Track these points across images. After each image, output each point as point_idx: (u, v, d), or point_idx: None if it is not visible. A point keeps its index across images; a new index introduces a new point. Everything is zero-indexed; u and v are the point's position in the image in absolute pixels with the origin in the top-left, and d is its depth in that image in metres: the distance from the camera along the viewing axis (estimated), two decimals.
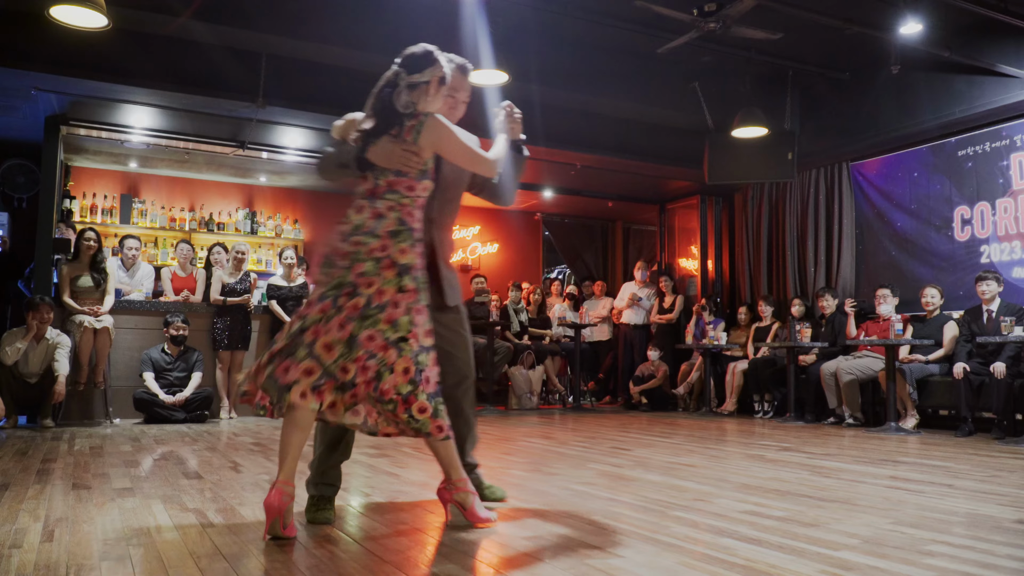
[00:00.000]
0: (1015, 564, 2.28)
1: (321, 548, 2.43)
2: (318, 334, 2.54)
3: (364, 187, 2.70)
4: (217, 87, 6.86)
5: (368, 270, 2.58)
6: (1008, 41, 6.69)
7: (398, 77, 2.69)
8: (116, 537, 2.56)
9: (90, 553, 2.35)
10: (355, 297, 2.57)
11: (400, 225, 2.64)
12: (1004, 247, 7.25)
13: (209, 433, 5.97)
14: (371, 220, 2.63)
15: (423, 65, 2.70)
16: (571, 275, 12.39)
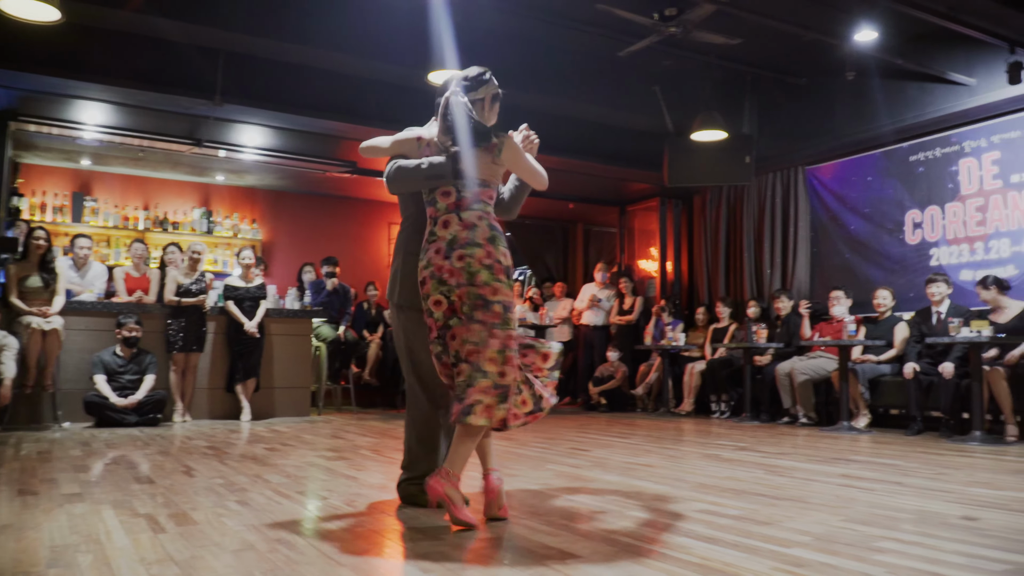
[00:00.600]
0: (961, 560, 2.33)
1: (276, 552, 2.40)
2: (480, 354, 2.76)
3: (446, 201, 2.89)
4: (173, 84, 6.75)
5: (487, 279, 2.78)
6: (958, 50, 6.87)
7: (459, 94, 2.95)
8: (64, 544, 2.50)
9: (37, 560, 2.30)
10: (490, 306, 2.78)
11: (493, 231, 2.87)
12: (953, 250, 7.43)
13: (162, 437, 5.86)
14: (464, 231, 2.82)
15: (479, 84, 2.99)
16: (532, 276, 12.41)
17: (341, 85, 7.40)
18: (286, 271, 9.91)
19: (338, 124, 7.62)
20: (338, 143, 8.51)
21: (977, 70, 6.86)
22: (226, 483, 3.67)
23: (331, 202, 10.65)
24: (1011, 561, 2.31)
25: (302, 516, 2.99)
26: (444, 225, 2.86)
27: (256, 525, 2.76)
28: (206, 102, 6.86)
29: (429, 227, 2.91)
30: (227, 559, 2.31)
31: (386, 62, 6.95)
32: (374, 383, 9.16)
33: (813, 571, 2.19)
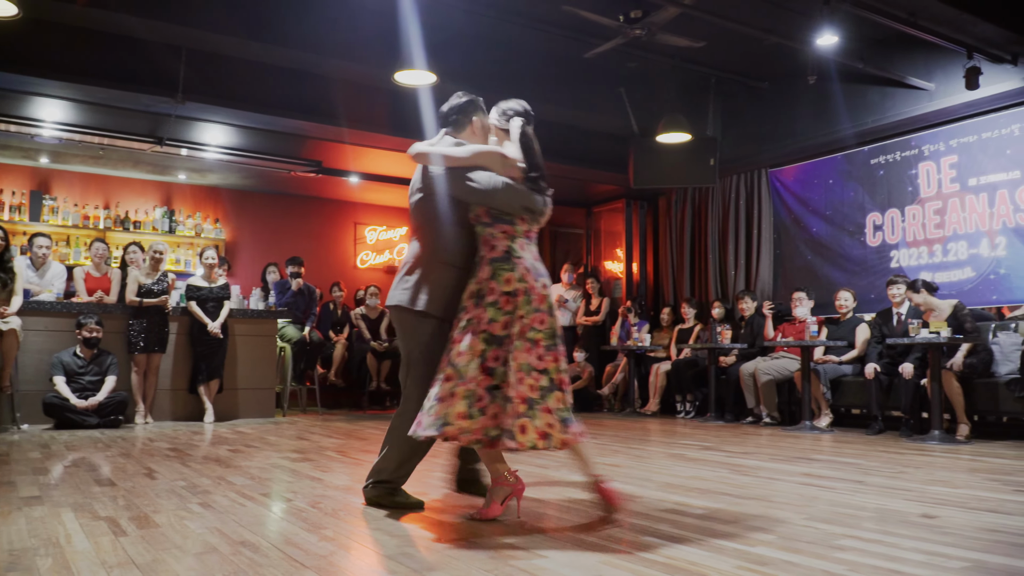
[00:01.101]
0: (920, 556, 2.38)
1: (239, 555, 2.38)
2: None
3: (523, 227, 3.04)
4: (134, 81, 6.64)
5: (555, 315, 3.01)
6: (917, 54, 7.00)
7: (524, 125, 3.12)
8: (22, 547, 2.46)
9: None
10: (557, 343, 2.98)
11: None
12: (912, 252, 7.58)
13: (123, 439, 5.77)
14: (539, 264, 3.02)
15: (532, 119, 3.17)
16: None
17: (307, 84, 7.34)
18: (250, 271, 9.80)
19: (303, 123, 7.55)
20: (303, 142, 8.44)
21: (936, 75, 7.00)
22: (189, 485, 3.63)
23: (296, 202, 10.56)
24: (969, 559, 2.36)
25: (266, 518, 2.96)
26: (522, 248, 2.98)
27: (219, 528, 2.73)
28: (168, 100, 6.76)
29: (503, 242, 2.96)
30: (189, 562, 2.28)
31: (352, 61, 6.90)
32: (340, 384, 9.10)
33: (776, 569, 2.22)
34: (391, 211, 11.20)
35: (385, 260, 11.13)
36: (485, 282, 2.91)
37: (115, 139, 7.96)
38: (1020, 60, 6.48)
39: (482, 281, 2.92)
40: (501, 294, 2.88)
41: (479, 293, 2.92)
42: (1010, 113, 6.87)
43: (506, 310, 2.87)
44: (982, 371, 6.13)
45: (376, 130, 7.81)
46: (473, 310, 2.90)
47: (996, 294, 6.94)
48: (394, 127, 7.80)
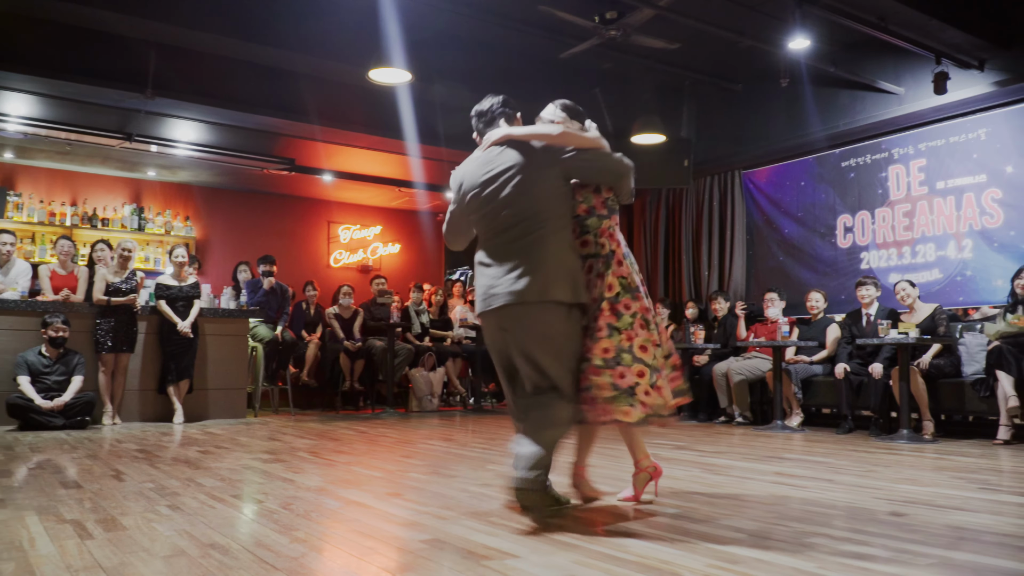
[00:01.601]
0: (888, 553, 2.40)
1: (208, 558, 2.34)
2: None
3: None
4: (103, 76, 6.56)
5: None
6: (888, 59, 7.09)
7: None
8: None
9: None
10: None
11: None
12: (882, 254, 7.67)
13: (90, 440, 5.67)
14: None
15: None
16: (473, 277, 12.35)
17: (280, 80, 7.28)
18: (221, 270, 9.69)
19: (276, 120, 7.49)
20: (276, 139, 8.36)
21: (905, 79, 7.09)
22: (157, 487, 3.58)
23: (268, 200, 10.46)
24: (935, 555, 2.39)
25: (236, 520, 2.92)
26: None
27: (188, 530, 2.69)
28: (138, 95, 6.68)
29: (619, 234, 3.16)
30: (157, 566, 2.25)
31: (326, 58, 6.85)
32: (312, 384, 9.02)
33: (748, 567, 2.23)
34: (365, 210, 11.13)
35: (359, 259, 11.06)
36: (630, 275, 3.04)
37: (83, 135, 7.85)
38: (987, 66, 6.59)
39: (626, 275, 3.03)
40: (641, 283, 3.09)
41: (629, 286, 3.02)
42: (977, 118, 6.98)
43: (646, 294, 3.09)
44: (950, 372, 6.22)
45: (350, 128, 7.76)
46: (631, 303, 3.00)
47: (963, 295, 7.04)
48: (368, 125, 7.75)
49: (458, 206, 3.19)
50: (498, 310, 2.98)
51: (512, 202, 2.99)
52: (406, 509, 3.12)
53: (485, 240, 3.11)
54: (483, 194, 3.06)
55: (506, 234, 3.01)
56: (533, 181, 3.00)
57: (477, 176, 3.10)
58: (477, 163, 3.14)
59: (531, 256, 2.94)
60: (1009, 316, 5.87)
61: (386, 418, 7.99)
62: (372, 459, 4.79)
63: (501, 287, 2.96)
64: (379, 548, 2.48)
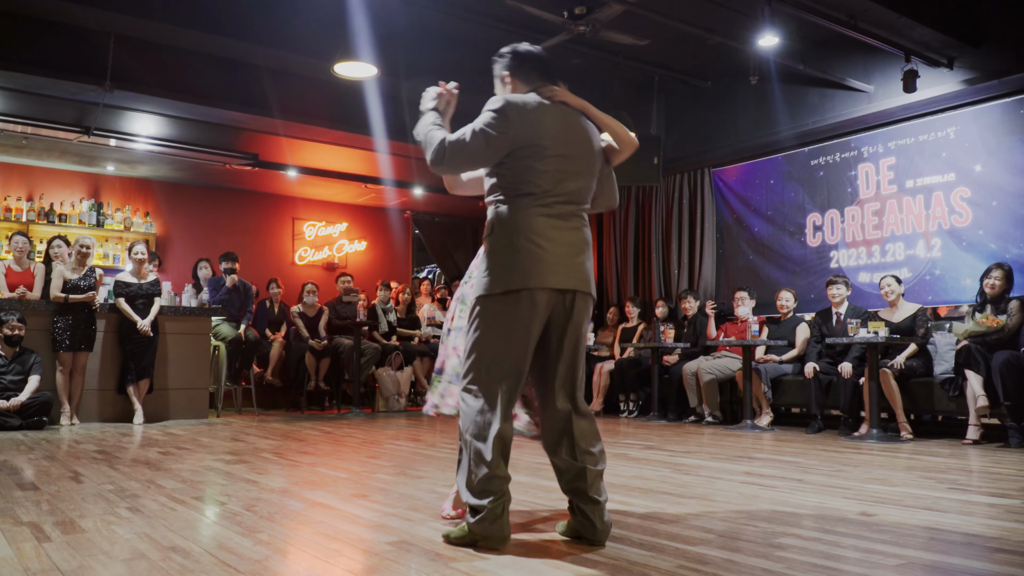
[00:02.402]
0: (857, 555, 2.39)
1: (169, 560, 2.31)
2: None
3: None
4: (60, 67, 6.39)
5: None
6: (857, 57, 7.12)
7: None
8: None
9: None
10: None
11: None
12: (851, 253, 7.71)
13: (48, 441, 5.56)
14: None
15: None
16: (441, 275, 12.29)
17: (243, 74, 7.14)
18: (182, 267, 9.49)
19: (239, 115, 7.36)
20: (239, 134, 8.21)
21: (875, 77, 7.13)
22: (116, 489, 3.53)
23: (231, 196, 10.27)
24: (904, 556, 2.38)
25: (198, 523, 2.88)
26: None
27: (148, 533, 2.65)
28: (95, 88, 6.52)
29: None
30: (117, 569, 2.22)
31: (290, 51, 6.74)
32: (277, 384, 8.88)
33: (717, 568, 2.23)
34: (330, 206, 10.98)
35: (324, 256, 10.90)
36: None
37: (39, 128, 7.63)
38: (956, 64, 6.64)
39: None
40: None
41: None
42: (946, 116, 7.04)
43: None
44: (921, 372, 6.25)
45: (315, 123, 7.65)
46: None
47: (932, 295, 7.09)
48: (334, 120, 7.65)
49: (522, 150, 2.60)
50: (565, 293, 2.59)
51: (585, 184, 2.69)
52: (372, 511, 3.09)
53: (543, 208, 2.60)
54: (567, 157, 2.64)
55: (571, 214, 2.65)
56: (595, 171, 2.75)
57: (561, 135, 2.63)
58: (558, 118, 2.66)
59: (588, 248, 2.70)
60: (977, 315, 5.92)
61: (352, 418, 7.94)
62: (337, 460, 4.76)
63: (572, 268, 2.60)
64: (344, 550, 2.46)
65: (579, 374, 2.67)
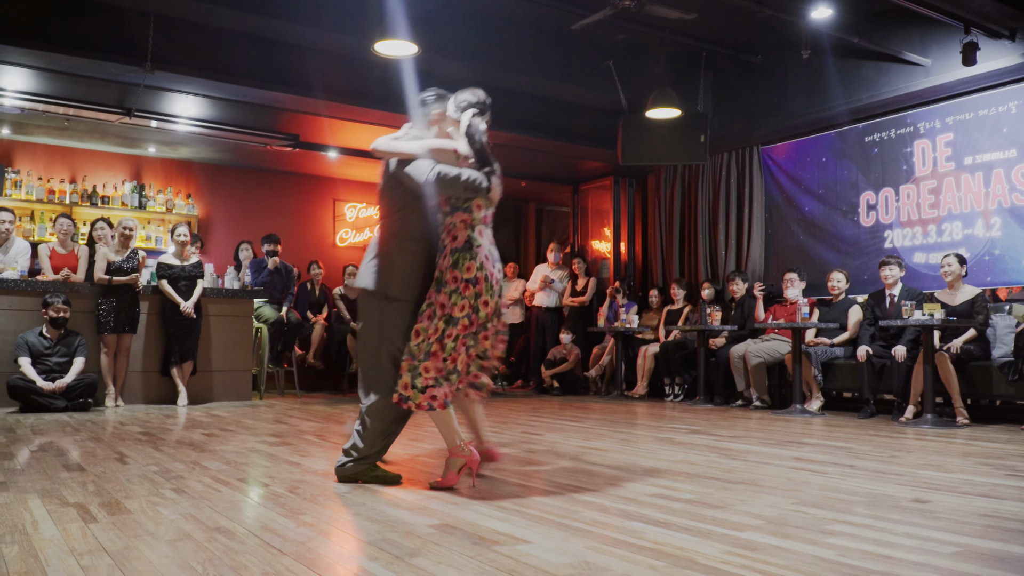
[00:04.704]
0: (911, 542, 2.34)
1: (214, 541, 2.30)
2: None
3: (479, 213, 3.19)
4: (101, 49, 6.40)
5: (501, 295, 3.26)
6: (913, 29, 6.86)
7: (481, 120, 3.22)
8: None
9: None
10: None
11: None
12: (906, 232, 7.46)
13: (93, 422, 5.63)
14: (493, 248, 3.23)
15: (486, 110, 3.26)
16: None
17: (282, 54, 7.11)
18: (224, 249, 9.55)
19: (279, 95, 7.33)
20: (279, 115, 8.20)
21: (932, 50, 6.86)
22: (161, 470, 3.55)
23: (272, 177, 10.30)
24: (959, 543, 2.33)
25: (242, 504, 2.91)
26: (480, 234, 3.17)
27: (193, 514, 2.67)
28: (136, 69, 6.52)
29: (463, 231, 3.15)
30: (163, 549, 2.22)
31: (330, 30, 6.68)
32: (319, 366, 8.92)
33: (765, 554, 2.20)
34: (371, 187, 10.80)
35: (365, 238, 10.90)
36: (447, 270, 3.13)
37: (81, 109, 7.68)
38: (1018, 36, 6.36)
39: (444, 269, 3.14)
40: (462, 281, 3.10)
41: (440, 280, 3.14)
42: (1007, 90, 6.74)
43: (465, 295, 3.10)
44: (979, 356, 6.05)
45: (355, 103, 7.60)
46: (434, 296, 3.13)
47: (991, 276, 6.84)
48: (374, 100, 7.58)
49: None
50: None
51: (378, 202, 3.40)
52: (414, 493, 3.09)
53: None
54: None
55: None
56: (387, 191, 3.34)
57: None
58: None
59: (371, 249, 3.37)
60: None
61: None
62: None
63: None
64: (387, 532, 2.45)
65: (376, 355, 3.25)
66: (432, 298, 3.13)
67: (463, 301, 3.09)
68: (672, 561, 2.13)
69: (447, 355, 3.11)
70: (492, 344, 3.27)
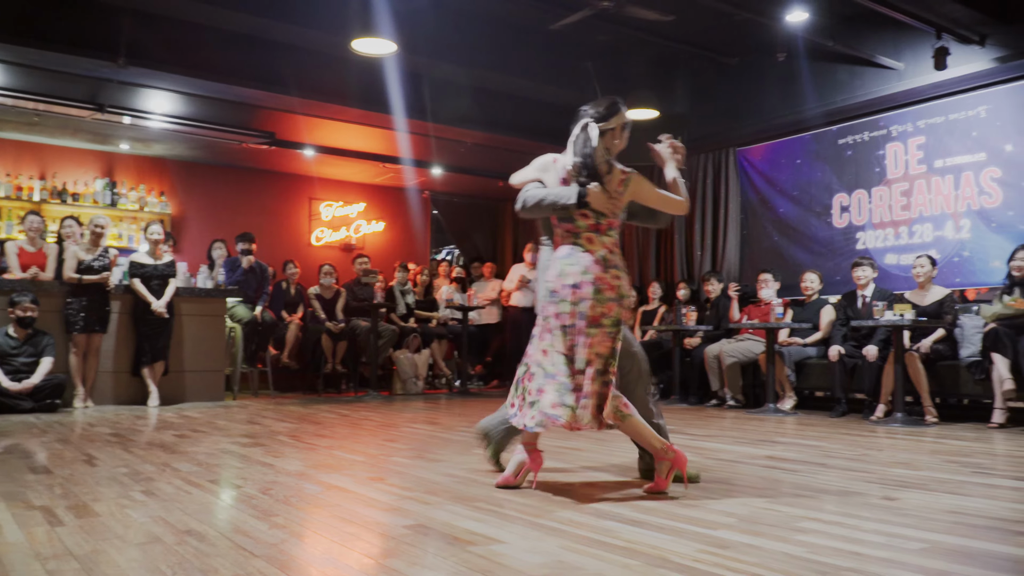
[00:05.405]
0: (880, 538, 2.38)
1: (184, 544, 2.28)
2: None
3: (585, 222, 3.15)
4: (72, 43, 6.33)
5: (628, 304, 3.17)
6: (887, 33, 6.95)
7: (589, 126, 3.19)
8: None
9: None
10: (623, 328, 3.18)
11: (623, 260, 3.23)
12: (879, 234, 7.55)
13: (61, 424, 5.55)
14: (610, 254, 3.15)
15: (611, 114, 3.24)
16: (460, 256, 12.21)
17: (259, 50, 7.05)
18: (197, 248, 9.43)
19: (255, 92, 7.28)
20: (255, 112, 8.13)
21: (904, 55, 6.96)
22: (131, 472, 3.50)
23: (247, 175, 10.19)
24: (927, 540, 2.37)
25: (214, 506, 2.89)
26: (589, 241, 3.14)
27: (163, 517, 2.63)
28: (109, 64, 6.45)
29: (569, 240, 3.17)
30: (132, 553, 2.19)
31: (308, 27, 6.64)
32: (293, 366, 8.84)
33: (737, 552, 2.22)
34: (348, 186, 10.90)
35: (342, 237, 10.83)
36: (554, 279, 3.14)
37: (52, 104, 7.56)
38: (988, 41, 6.47)
39: (551, 279, 3.16)
40: (564, 287, 3.09)
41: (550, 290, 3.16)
42: (977, 95, 6.86)
43: (571, 301, 3.07)
44: (947, 355, 6.16)
45: (334, 101, 7.56)
46: (547, 308, 3.15)
47: (960, 276, 6.95)
48: (352, 98, 7.55)
49: None
50: None
51: None
52: (389, 494, 3.07)
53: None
54: None
55: None
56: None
57: None
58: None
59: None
60: (1006, 298, 5.83)
61: (369, 401, 7.89)
62: (354, 443, 4.74)
63: None
64: (361, 534, 2.46)
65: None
66: (546, 310, 3.15)
67: (571, 308, 3.07)
68: (645, 560, 2.13)
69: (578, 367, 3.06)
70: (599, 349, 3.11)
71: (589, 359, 3.03)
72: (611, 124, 3.22)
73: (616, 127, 3.24)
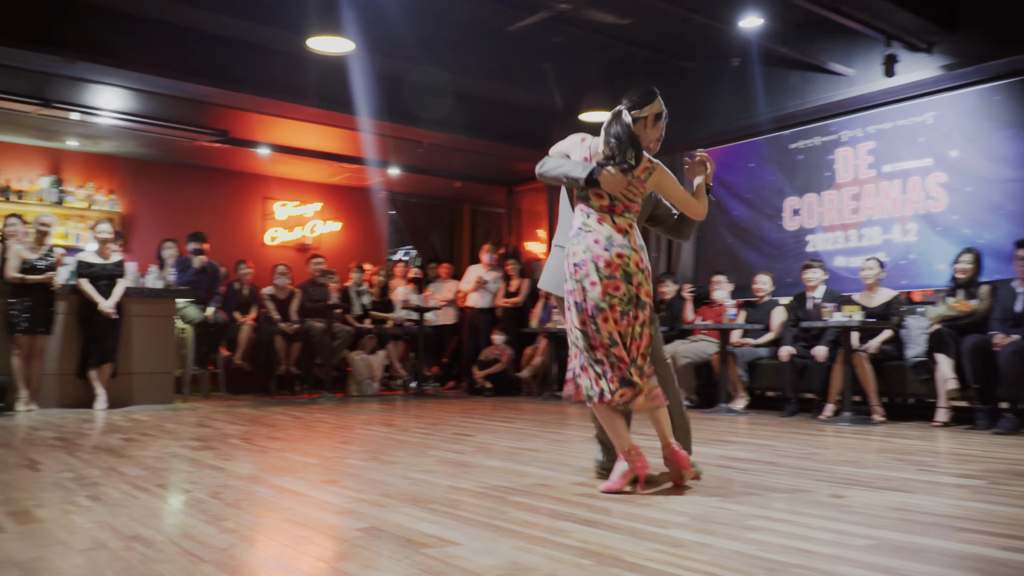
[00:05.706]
0: (828, 535, 2.43)
1: (130, 550, 2.25)
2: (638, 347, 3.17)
3: (600, 203, 3.19)
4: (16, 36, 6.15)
5: (641, 281, 3.17)
6: (839, 40, 7.07)
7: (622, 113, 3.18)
8: None
9: None
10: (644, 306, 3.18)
11: (641, 240, 3.23)
12: (829, 237, 7.70)
13: (3, 427, 5.44)
14: (619, 234, 3.14)
15: (645, 103, 3.25)
16: (416, 257, 12.15)
17: (212, 46, 6.93)
18: (147, 247, 9.23)
19: (208, 89, 7.15)
20: (208, 110, 7.99)
21: (856, 61, 7.09)
22: (76, 477, 3.45)
23: (199, 173, 10.00)
24: (873, 536, 2.42)
25: (161, 511, 2.84)
26: (599, 221, 3.16)
27: (109, 522, 2.59)
28: (56, 58, 6.29)
29: (581, 218, 3.21)
30: (75, 559, 2.16)
31: (262, 23, 6.56)
32: (246, 367, 8.71)
33: (689, 551, 2.25)
34: (304, 185, 10.77)
35: (296, 237, 10.70)
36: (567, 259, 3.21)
37: None
38: (935, 49, 6.62)
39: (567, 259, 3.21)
40: (571, 266, 3.16)
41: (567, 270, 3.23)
42: (924, 101, 7.02)
43: (576, 279, 3.14)
44: (894, 355, 6.31)
45: (289, 99, 7.48)
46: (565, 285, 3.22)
47: (907, 279, 7.10)
48: (308, 97, 7.47)
49: None
50: None
51: None
52: (343, 497, 3.05)
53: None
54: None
55: None
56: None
57: None
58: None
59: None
60: (950, 300, 5.97)
61: (323, 403, 7.82)
62: (308, 445, 4.70)
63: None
64: (314, 537, 2.45)
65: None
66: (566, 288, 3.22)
67: (577, 286, 3.14)
68: (598, 559, 2.14)
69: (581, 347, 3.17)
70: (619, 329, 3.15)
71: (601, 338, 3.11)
72: (644, 113, 3.24)
73: (649, 116, 3.26)
